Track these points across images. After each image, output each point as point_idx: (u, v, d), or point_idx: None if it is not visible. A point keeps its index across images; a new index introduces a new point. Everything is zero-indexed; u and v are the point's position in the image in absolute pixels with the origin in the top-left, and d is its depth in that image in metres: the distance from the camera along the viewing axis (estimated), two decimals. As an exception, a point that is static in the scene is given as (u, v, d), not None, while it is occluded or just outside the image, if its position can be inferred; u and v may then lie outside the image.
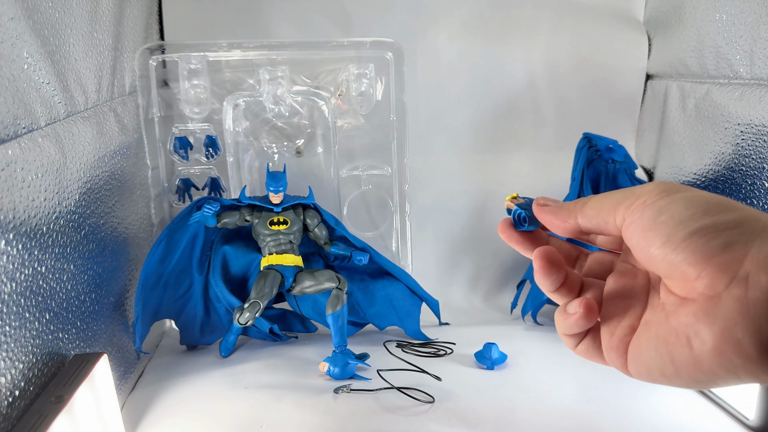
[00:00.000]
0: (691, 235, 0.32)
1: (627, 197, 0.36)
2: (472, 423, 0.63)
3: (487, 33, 0.96)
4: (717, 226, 0.31)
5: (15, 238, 0.46)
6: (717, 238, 0.31)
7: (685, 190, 0.34)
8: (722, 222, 0.31)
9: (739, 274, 0.30)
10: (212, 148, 0.87)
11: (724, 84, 0.77)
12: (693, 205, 0.33)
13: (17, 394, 0.45)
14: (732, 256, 0.30)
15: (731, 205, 0.32)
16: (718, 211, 0.32)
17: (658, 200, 0.34)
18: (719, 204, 0.33)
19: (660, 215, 0.33)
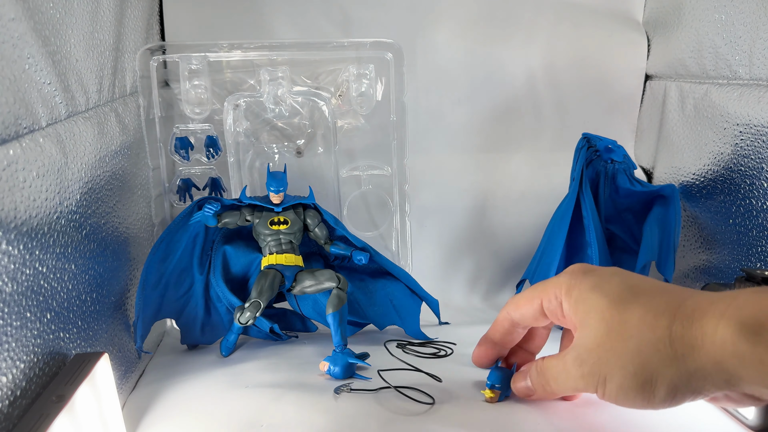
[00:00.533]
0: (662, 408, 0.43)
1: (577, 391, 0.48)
2: (472, 424, 0.63)
3: (487, 33, 0.96)
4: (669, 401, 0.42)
5: (16, 238, 0.46)
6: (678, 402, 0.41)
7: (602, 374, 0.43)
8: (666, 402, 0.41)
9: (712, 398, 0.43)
10: (213, 149, 0.87)
11: (723, 84, 0.77)
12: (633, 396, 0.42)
13: (18, 393, 0.45)
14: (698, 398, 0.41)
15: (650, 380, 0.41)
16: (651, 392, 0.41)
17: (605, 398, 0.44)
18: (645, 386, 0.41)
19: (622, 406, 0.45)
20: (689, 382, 0.38)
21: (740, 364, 0.35)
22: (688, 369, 0.37)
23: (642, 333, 0.40)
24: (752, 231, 0.70)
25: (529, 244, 0.97)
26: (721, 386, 0.37)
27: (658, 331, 0.39)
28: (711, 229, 0.79)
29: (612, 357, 0.41)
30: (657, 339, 0.39)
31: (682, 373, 0.38)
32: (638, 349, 0.39)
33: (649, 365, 0.39)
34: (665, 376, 0.38)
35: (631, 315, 0.41)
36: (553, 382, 0.47)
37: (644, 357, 0.39)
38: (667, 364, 0.38)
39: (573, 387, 0.45)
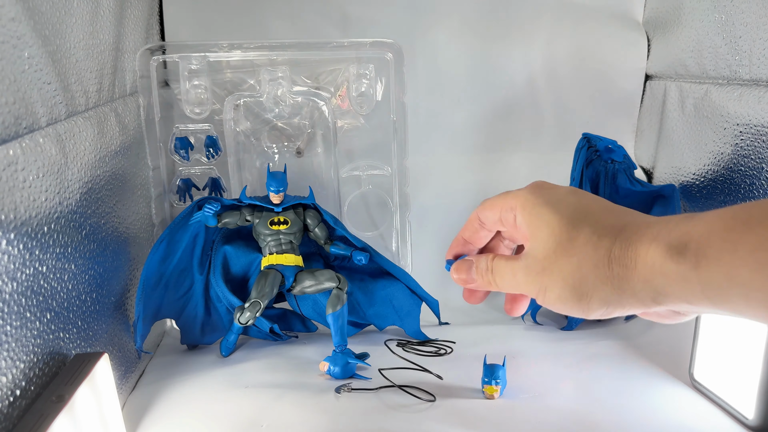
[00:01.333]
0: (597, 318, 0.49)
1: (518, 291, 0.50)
2: (473, 422, 0.63)
3: (487, 33, 0.96)
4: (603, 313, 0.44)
5: (16, 238, 0.46)
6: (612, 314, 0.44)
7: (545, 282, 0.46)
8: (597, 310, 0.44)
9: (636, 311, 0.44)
10: (213, 149, 0.87)
11: (723, 84, 0.77)
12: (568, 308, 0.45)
13: (18, 393, 0.45)
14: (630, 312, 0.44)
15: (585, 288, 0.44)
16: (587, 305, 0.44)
17: (543, 302, 0.46)
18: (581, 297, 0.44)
19: (560, 312, 0.47)
20: (621, 298, 0.42)
21: (666, 282, 0.39)
22: (621, 287, 0.41)
23: (585, 251, 0.43)
24: (752, 231, 0.70)
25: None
26: (648, 303, 0.41)
27: (600, 251, 0.43)
28: (711, 229, 0.79)
29: (555, 270, 0.45)
30: (598, 258, 0.43)
31: (615, 290, 0.42)
32: (579, 266, 0.43)
33: (587, 282, 0.43)
34: (600, 292, 0.43)
35: (578, 234, 0.45)
36: (498, 279, 0.51)
37: (583, 273, 0.43)
38: (603, 282, 0.42)
39: (515, 289, 0.49)
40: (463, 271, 0.55)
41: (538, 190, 0.50)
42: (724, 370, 0.65)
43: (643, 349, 0.78)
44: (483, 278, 0.53)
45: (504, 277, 0.50)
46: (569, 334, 0.85)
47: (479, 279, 0.53)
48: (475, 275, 0.54)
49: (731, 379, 0.64)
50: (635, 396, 0.68)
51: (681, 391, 0.69)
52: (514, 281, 0.49)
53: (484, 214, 0.56)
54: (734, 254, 0.36)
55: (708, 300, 0.38)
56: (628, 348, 0.79)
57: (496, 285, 0.51)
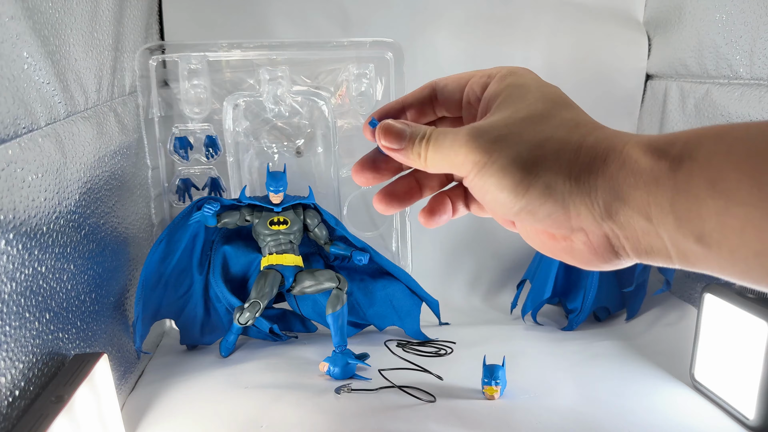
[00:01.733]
0: (517, 214, 0.37)
1: (453, 163, 0.39)
2: (473, 422, 0.63)
3: (487, 33, 0.96)
4: (532, 204, 0.36)
5: (15, 238, 0.46)
6: (538, 213, 0.37)
7: (495, 146, 0.37)
8: (533, 199, 0.36)
9: (574, 228, 0.36)
10: (212, 148, 0.87)
11: (724, 84, 0.77)
12: (504, 185, 0.37)
13: (17, 393, 0.45)
14: (558, 221, 0.36)
15: (536, 171, 0.36)
16: (526, 186, 0.36)
17: (476, 179, 0.38)
18: (524, 177, 0.36)
19: (485, 195, 0.38)
20: (570, 194, 0.36)
21: (633, 182, 0.34)
22: (579, 179, 0.35)
23: (557, 131, 0.38)
24: (753, 231, 0.69)
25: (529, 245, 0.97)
26: (595, 210, 0.35)
27: (573, 135, 0.37)
28: (712, 229, 0.78)
29: (512, 140, 0.37)
30: (567, 141, 0.37)
31: (569, 180, 0.35)
32: (542, 142, 0.37)
33: (542, 161, 0.36)
34: (549, 175, 0.36)
35: (557, 114, 0.39)
36: (433, 149, 0.40)
37: (543, 151, 0.36)
38: (560, 166, 0.36)
39: (451, 157, 0.39)
40: (393, 136, 0.42)
41: (520, 69, 0.43)
42: (724, 371, 0.65)
43: (644, 349, 0.78)
44: (414, 148, 0.41)
45: (440, 147, 0.40)
46: (569, 334, 0.84)
47: (408, 147, 0.41)
48: (406, 143, 0.42)
49: (732, 380, 0.64)
50: (636, 396, 0.68)
51: (681, 392, 0.69)
52: (452, 153, 0.39)
53: (444, 83, 0.45)
54: (727, 156, 0.31)
55: (672, 216, 0.33)
56: (628, 348, 0.79)
57: (425, 160, 0.41)
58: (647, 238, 0.35)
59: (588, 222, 0.36)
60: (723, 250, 0.31)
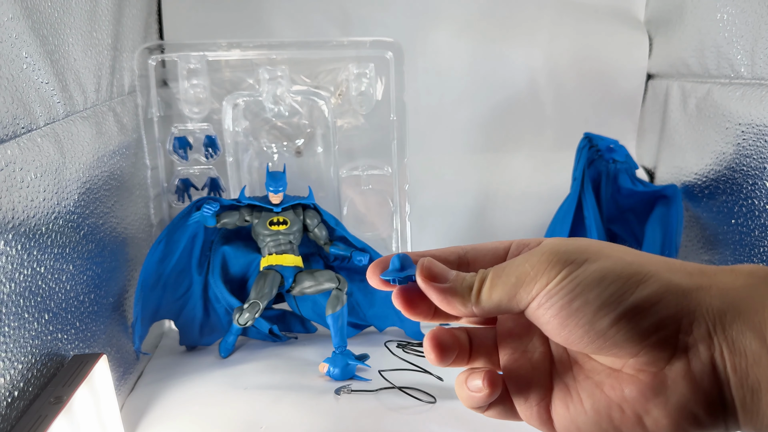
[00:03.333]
0: (616, 322, 0.30)
1: (523, 281, 0.32)
2: (473, 423, 0.62)
3: (488, 32, 0.96)
4: (640, 308, 0.30)
5: (14, 239, 0.46)
6: (645, 320, 0.30)
7: (585, 255, 0.32)
8: (644, 301, 0.30)
9: (678, 347, 0.30)
10: (212, 148, 0.86)
11: (726, 84, 0.76)
12: (606, 285, 0.31)
13: (16, 394, 0.45)
14: (666, 334, 0.30)
15: (644, 274, 0.31)
16: (634, 286, 0.30)
17: (563, 284, 0.31)
18: (631, 277, 0.31)
19: (572, 303, 0.31)
20: (689, 288, 0.31)
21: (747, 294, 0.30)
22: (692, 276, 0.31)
23: (648, 253, 0.33)
24: (755, 231, 0.69)
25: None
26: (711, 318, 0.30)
27: (671, 258, 0.33)
28: (713, 230, 0.78)
29: (602, 248, 0.32)
30: (668, 258, 0.32)
31: (683, 283, 0.31)
32: (640, 254, 0.32)
33: (650, 265, 0.32)
34: (663, 278, 0.31)
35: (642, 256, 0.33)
36: (492, 275, 0.33)
37: (647, 259, 0.32)
38: (670, 272, 0.31)
39: (522, 274, 0.32)
40: (437, 272, 0.35)
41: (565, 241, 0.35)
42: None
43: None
44: (464, 282, 0.34)
45: (505, 270, 0.33)
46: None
47: (458, 282, 0.34)
48: (454, 279, 0.35)
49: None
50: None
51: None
52: (527, 266, 0.32)
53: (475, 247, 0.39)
54: None
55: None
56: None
57: (478, 292, 0.34)
58: (757, 369, 0.29)
59: (700, 334, 0.30)
60: None
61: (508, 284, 0.33)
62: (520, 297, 0.32)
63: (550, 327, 0.32)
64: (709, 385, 0.30)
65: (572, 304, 0.31)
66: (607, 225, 0.81)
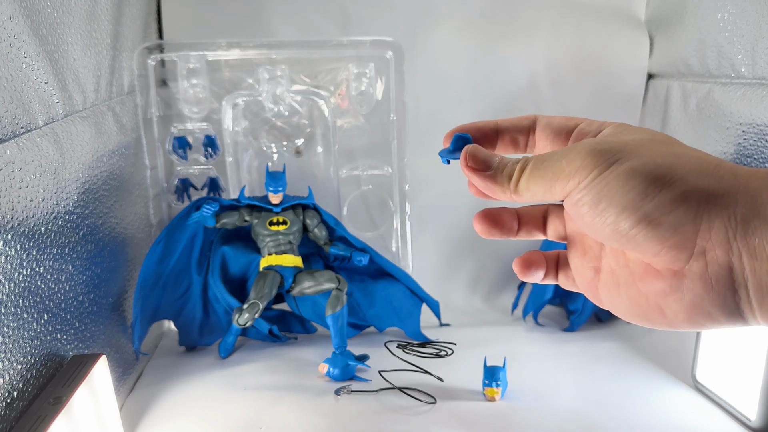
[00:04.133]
0: (637, 223, 0.32)
1: (558, 177, 0.34)
2: (474, 424, 0.62)
3: (488, 32, 0.96)
4: (661, 209, 0.31)
5: (13, 239, 0.46)
6: (664, 223, 0.31)
7: (619, 155, 0.33)
8: (665, 203, 0.31)
9: (695, 251, 0.31)
10: (211, 148, 0.86)
11: (726, 83, 0.76)
12: (630, 187, 0.32)
13: (15, 395, 0.45)
14: (684, 237, 0.31)
15: (669, 177, 0.32)
16: (657, 189, 0.31)
17: (593, 185, 0.33)
18: (656, 180, 0.32)
19: (599, 203, 0.32)
20: (708, 200, 0.31)
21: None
22: (718, 189, 0.31)
23: (691, 151, 0.34)
24: (755, 231, 0.69)
25: (530, 245, 0.97)
26: (732, 226, 0.30)
27: (710, 157, 0.33)
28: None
29: (643, 151, 0.33)
30: (705, 158, 0.33)
31: (711, 187, 0.31)
32: (677, 154, 0.33)
33: (682, 166, 0.32)
34: (690, 179, 0.31)
35: (684, 145, 0.35)
36: (533, 166, 0.35)
37: (682, 160, 0.32)
38: (702, 175, 0.31)
39: (558, 170, 0.34)
40: (481, 158, 0.38)
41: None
42: (726, 372, 0.65)
43: (646, 350, 0.78)
44: (506, 170, 0.37)
45: (545, 162, 0.35)
46: (571, 335, 0.84)
47: (498, 171, 0.37)
48: (495, 167, 0.37)
49: (734, 381, 0.64)
50: (637, 398, 0.67)
51: (683, 393, 0.69)
52: (564, 162, 0.34)
53: (548, 118, 0.41)
54: None
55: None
56: (630, 349, 0.79)
57: (516, 183, 0.36)
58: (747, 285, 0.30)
59: (718, 240, 0.31)
60: None
61: (546, 177, 0.34)
62: (555, 191, 0.34)
63: (582, 223, 0.34)
64: (724, 288, 0.31)
65: (599, 204, 0.32)
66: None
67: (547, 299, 0.85)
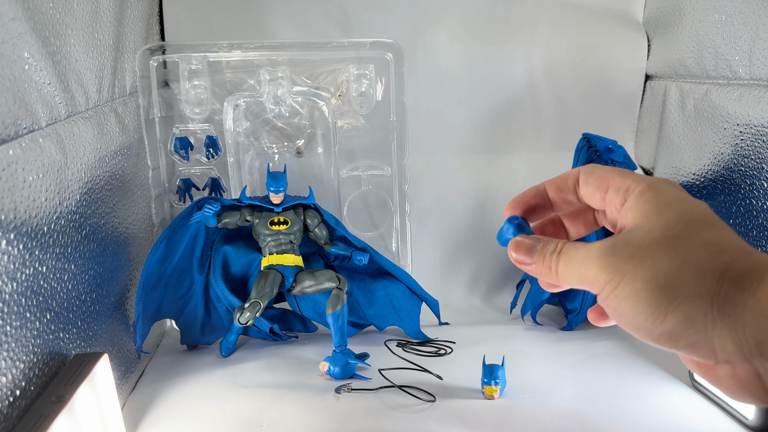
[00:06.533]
0: (656, 342, 0.35)
1: (583, 280, 0.38)
2: (473, 422, 0.63)
3: (487, 33, 0.96)
4: (671, 333, 0.33)
5: (16, 238, 0.46)
6: (680, 341, 0.33)
7: (626, 270, 0.35)
8: (673, 328, 0.33)
9: (720, 361, 0.33)
10: (213, 149, 0.87)
11: (723, 84, 0.77)
12: (638, 310, 0.34)
13: (18, 393, 0.45)
14: (703, 351, 0.33)
15: (674, 298, 0.33)
16: (663, 314, 0.33)
17: (608, 301, 0.36)
18: (661, 303, 0.33)
19: (619, 318, 0.36)
20: (711, 324, 0.32)
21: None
22: (722, 309, 0.32)
23: (697, 255, 0.34)
24: (752, 231, 0.70)
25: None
26: (744, 345, 0.32)
27: (715, 261, 0.34)
28: (711, 229, 0.79)
29: (648, 261, 0.35)
30: (709, 268, 0.33)
31: (713, 311, 0.32)
32: (682, 266, 0.34)
33: (681, 287, 0.33)
34: (689, 307, 0.33)
35: (696, 235, 0.35)
36: (563, 263, 0.40)
37: (682, 277, 0.33)
38: (701, 295, 0.33)
39: (580, 279, 0.38)
40: (523, 251, 0.42)
41: (666, 183, 0.40)
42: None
43: (644, 349, 0.78)
44: (544, 261, 0.41)
45: (571, 261, 0.39)
46: (569, 334, 0.84)
47: (539, 261, 0.41)
48: (536, 257, 0.42)
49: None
50: (635, 396, 0.68)
51: (681, 392, 0.69)
52: (583, 268, 0.38)
53: (587, 188, 0.44)
54: None
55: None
56: (628, 348, 0.79)
57: (557, 273, 0.40)
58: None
59: (735, 357, 0.32)
60: None
61: (574, 276, 0.39)
62: (588, 289, 0.38)
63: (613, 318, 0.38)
64: (757, 388, 0.33)
65: (620, 319, 0.36)
66: (605, 225, 0.82)
67: (546, 298, 0.85)
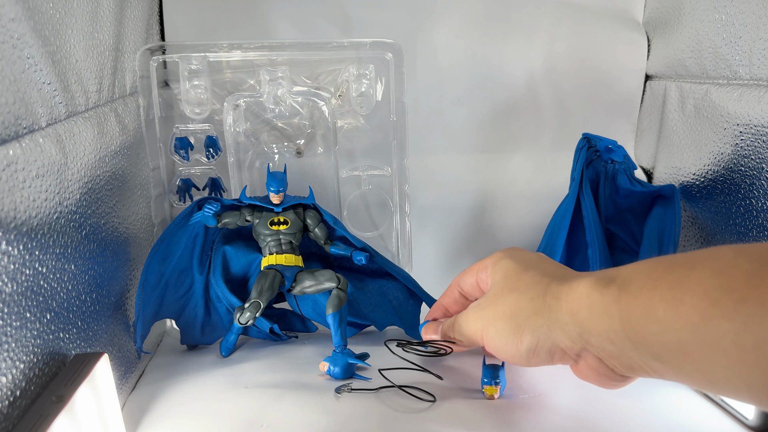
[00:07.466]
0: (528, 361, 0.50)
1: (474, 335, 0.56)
2: (473, 422, 0.63)
3: (487, 33, 0.96)
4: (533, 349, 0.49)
5: (16, 239, 0.46)
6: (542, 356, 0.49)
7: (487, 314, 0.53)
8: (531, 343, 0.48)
9: (573, 358, 0.48)
10: (213, 149, 0.87)
11: (723, 84, 0.77)
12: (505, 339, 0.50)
13: (18, 393, 0.45)
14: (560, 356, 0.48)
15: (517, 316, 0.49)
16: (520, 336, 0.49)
17: (486, 341, 0.54)
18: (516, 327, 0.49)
19: (498, 352, 0.53)
20: (550, 331, 0.44)
21: (590, 315, 0.41)
22: (551, 318, 0.44)
23: (527, 287, 0.47)
24: (752, 231, 0.70)
25: (529, 245, 0.97)
26: (575, 339, 0.42)
27: (539, 286, 0.46)
28: (711, 230, 0.79)
29: (499, 305, 0.49)
30: (536, 292, 0.46)
31: (546, 321, 0.44)
32: (519, 299, 0.47)
33: (522, 313, 0.46)
34: (532, 324, 0.45)
35: (526, 274, 0.49)
36: (456, 329, 0.56)
37: (521, 305, 0.46)
38: (536, 312, 0.45)
39: (469, 333, 0.53)
40: (430, 331, 0.64)
41: (509, 250, 0.56)
42: (724, 371, 0.65)
43: (643, 349, 0.78)
44: (447, 335, 0.59)
45: (461, 326, 0.54)
46: (569, 334, 0.84)
47: (445, 336, 0.60)
48: (440, 335, 0.61)
49: (731, 380, 0.64)
50: (635, 396, 0.68)
51: (680, 391, 0.69)
52: (466, 327, 0.53)
53: (463, 279, 0.61)
54: (653, 290, 0.37)
55: (628, 340, 0.39)
56: (628, 348, 0.79)
57: (460, 338, 0.57)
58: (623, 359, 0.42)
59: (577, 350, 0.44)
60: (672, 367, 0.38)
61: (467, 336, 0.57)
62: (477, 341, 0.56)
63: None
64: (605, 369, 0.45)
65: (498, 351, 0.52)
66: (605, 225, 0.82)
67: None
